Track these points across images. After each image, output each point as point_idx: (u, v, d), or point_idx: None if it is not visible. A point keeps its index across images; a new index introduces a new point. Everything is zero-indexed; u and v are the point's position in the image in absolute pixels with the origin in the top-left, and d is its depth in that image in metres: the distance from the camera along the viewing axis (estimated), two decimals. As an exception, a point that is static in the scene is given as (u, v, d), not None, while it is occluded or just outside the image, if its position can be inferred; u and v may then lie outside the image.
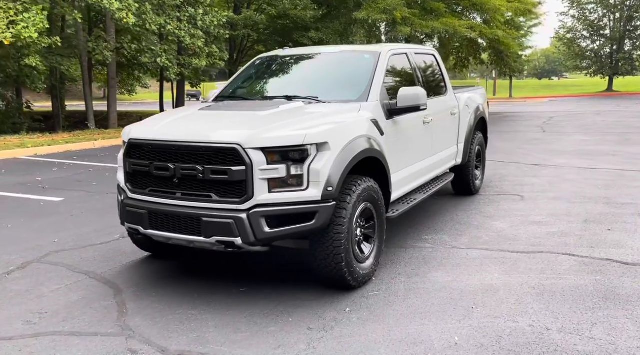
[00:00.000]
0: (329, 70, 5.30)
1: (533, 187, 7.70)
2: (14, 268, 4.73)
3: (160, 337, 3.40)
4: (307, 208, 3.71)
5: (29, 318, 3.71)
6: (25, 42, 13.27)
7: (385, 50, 5.11)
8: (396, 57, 5.27)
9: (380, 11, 18.18)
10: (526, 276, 4.35)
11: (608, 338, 3.31)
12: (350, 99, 4.58)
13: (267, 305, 3.88)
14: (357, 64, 5.06)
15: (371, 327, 3.52)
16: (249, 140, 3.62)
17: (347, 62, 5.27)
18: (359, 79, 4.83)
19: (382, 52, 5.06)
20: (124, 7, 14.79)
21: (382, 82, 4.80)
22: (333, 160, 3.80)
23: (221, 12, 17.79)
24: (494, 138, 14.00)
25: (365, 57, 5.08)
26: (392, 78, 5.06)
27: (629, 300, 3.86)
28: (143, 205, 3.98)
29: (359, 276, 4.09)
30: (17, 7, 13.37)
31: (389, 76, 4.98)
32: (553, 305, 3.81)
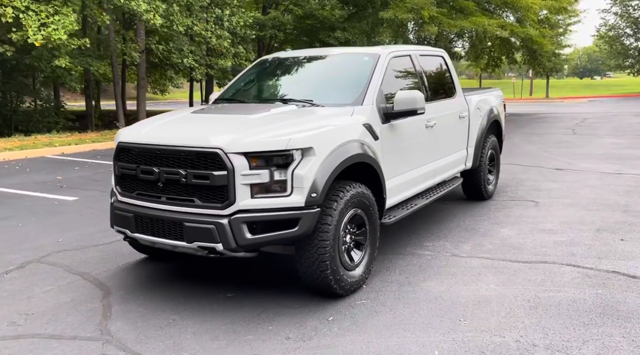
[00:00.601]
0: (328, 72, 5.22)
1: (550, 192, 7.44)
2: (13, 267, 4.82)
3: (137, 343, 3.39)
4: (290, 214, 3.64)
5: (14, 319, 3.76)
6: (55, 44, 13.62)
7: (385, 53, 4.99)
8: (398, 60, 5.14)
9: (407, 10, 17.94)
10: (523, 288, 4.18)
11: (597, 357, 3.14)
12: (345, 103, 4.49)
13: (251, 312, 3.83)
14: (355, 67, 4.96)
15: (350, 338, 3.43)
16: (231, 145, 3.58)
17: (346, 64, 5.18)
18: (355, 82, 4.73)
19: (381, 55, 4.95)
20: (151, 8, 15.04)
21: (380, 85, 4.68)
22: (318, 166, 3.72)
23: (248, 12, 17.86)
24: (520, 140, 13.67)
25: (364, 59, 4.97)
26: (392, 81, 4.93)
27: (629, 317, 3.66)
28: (130, 209, 3.99)
29: (347, 284, 4.00)
30: (49, 10, 13.73)
31: (388, 79, 4.85)
32: (545, 319, 3.64)
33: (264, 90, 5.25)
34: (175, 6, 16.09)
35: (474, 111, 6.46)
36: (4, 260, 5.01)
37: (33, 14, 13.43)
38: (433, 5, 18.64)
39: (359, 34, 19.33)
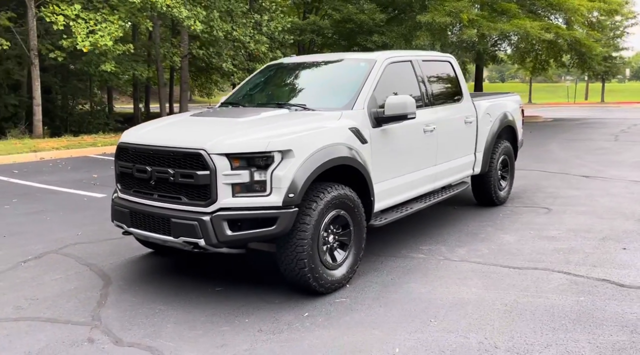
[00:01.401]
0: (326, 78, 5.38)
1: (567, 199, 7.31)
2: (32, 257, 5.22)
3: (121, 329, 3.66)
4: (268, 213, 3.83)
5: (20, 303, 4.11)
6: (101, 50, 14.38)
7: (382, 59, 5.11)
8: (395, 65, 5.24)
9: (445, 14, 17.82)
10: (505, 292, 4.20)
11: (555, 362, 3.17)
12: (336, 107, 4.64)
13: (233, 305, 4.04)
14: (351, 72, 5.10)
15: (319, 333, 3.58)
16: (214, 146, 3.80)
17: (343, 70, 5.32)
18: (349, 87, 4.87)
19: (377, 61, 5.07)
20: (192, 15, 15.61)
21: (373, 90, 4.81)
22: (297, 167, 3.89)
23: (286, 17, 18.21)
24: (556, 146, 13.38)
25: (360, 65, 5.11)
26: (389, 86, 5.02)
27: (602, 324, 3.64)
28: (127, 205, 4.28)
29: (327, 282, 4.14)
30: (97, 18, 14.51)
31: (383, 84, 4.96)
32: (516, 323, 3.67)
33: (263, 95, 5.46)
34: (216, 12, 16.63)
35: (482, 116, 6.46)
36: (25, 250, 5.42)
37: (82, 21, 14.23)
38: (473, 8, 18.43)
39: (396, 38, 19.32)
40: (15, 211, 7.15)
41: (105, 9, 14.79)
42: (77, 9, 14.10)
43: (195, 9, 15.93)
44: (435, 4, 18.70)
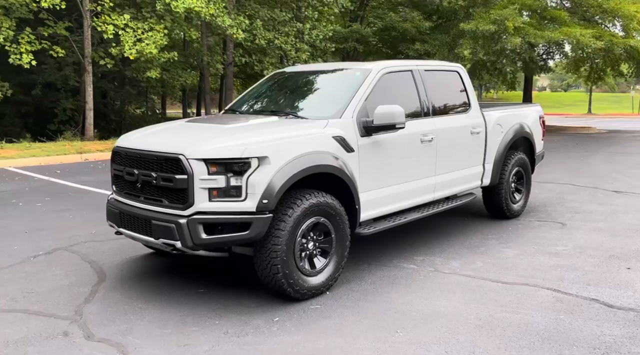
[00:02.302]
0: (322, 86, 5.44)
1: (587, 215, 7.03)
2: (42, 253, 5.54)
3: (97, 324, 3.84)
4: (242, 218, 3.92)
5: (15, 296, 4.38)
6: (147, 57, 15.00)
7: (377, 69, 5.12)
8: (392, 75, 5.24)
9: (489, 22, 17.46)
10: (483, 307, 4.12)
11: (508, 380, 3.09)
12: (325, 116, 4.68)
13: (209, 307, 4.15)
14: (346, 82, 5.14)
15: (282, 339, 3.64)
16: (192, 152, 3.94)
17: (340, 79, 5.36)
18: (341, 96, 4.91)
19: (372, 70, 5.09)
20: (235, 24, 16.03)
21: (364, 99, 4.83)
22: (272, 174, 3.97)
23: (328, 26, 18.38)
24: (597, 159, 12.86)
25: (355, 75, 5.14)
26: (383, 96, 5.01)
27: (573, 344, 3.52)
28: (118, 206, 4.49)
29: (303, 289, 4.19)
30: (144, 27, 15.16)
31: (377, 94, 4.96)
32: (483, 338, 3.60)
33: (261, 102, 5.58)
34: (259, 21, 16.99)
35: (493, 127, 6.33)
36: (39, 246, 5.75)
37: (130, 30, 14.90)
38: (520, 15, 17.98)
39: (439, 46, 19.09)
40: (44, 209, 7.59)
41: (153, 19, 15.42)
42: (126, 19, 14.78)
43: (239, 18, 16.35)
44: (480, 12, 18.38)
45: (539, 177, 9.94)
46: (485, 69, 20.58)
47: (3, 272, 4.95)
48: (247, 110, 5.43)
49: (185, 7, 14.07)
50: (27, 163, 12.07)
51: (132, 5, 15.98)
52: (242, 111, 5.46)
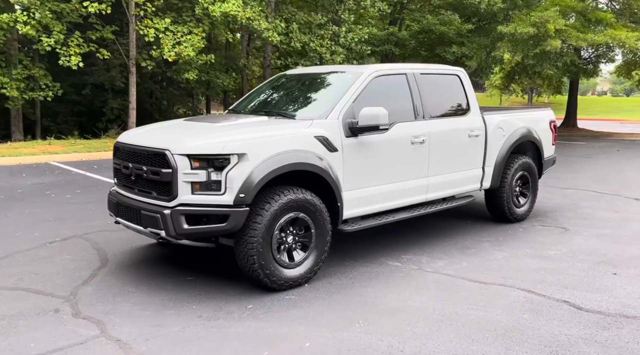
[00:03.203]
0: (316, 88, 5.63)
1: (596, 221, 6.94)
2: (59, 239, 6.00)
3: (86, 304, 4.20)
4: (220, 211, 4.20)
5: (23, 276, 4.82)
6: (185, 59, 15.62)
7: (368, 71, 5.29)
8: (384, 78, 5.40)
9: (529, 24, 17.15)
10: (452, 304, 4.23)
11: (448, 371, 3.23)
12: (312, 116, 4.90)
13: (191, 293, 4.44)
14: (337, 84, 5.35)
15: (249, 324, 3.88)
16: (176, 147, 4.25)
17: (333, 81, 5.55)
18: (330, 97, 5.12)
19: (363, 73, 5.27)
20: (271, 27, 16.45)
21: (352, 101, 5.01)
22: (250, 170, 4.22)
23: (364, 29, 18.53)
24: (630, 166, 12.52)
25: (347, 77, 5.34)
26: (373, 98, 5.16)
27: (525, 341, 3.60)
28: (117, 197, 4.86)
29: (280, 280, 4.42)
30: (184, 30, 15.80)
31: (366, 96, 5.11)
32: (439, 332, 3.73)
33: (258, 103, 5.84)
34: (295, 24, 17.36)
35: (493, 131, 6.37)
36: (57, 233, 6.22)
37: (170, 34, 15.56)
38: (563, 18, 17.58)
39: (477, 49, 18.87)
40: (72, 200, 8.13)
41: (192, 22, 16.04)
42: (167, 22, 15.43)
43: (275, 21, 16.76)
44: (520, 14, 18.08)
45: (561, 183, 9.81)
46: (525, 73, 20.17)
47: (19, 255, 5.42)
48: (245, 110, 5.72)
49: (221, 11, 14.57)
50: (70, 158, 12.85)
51: (173, 10, 16.64)
52: (240, 111, 5.76)
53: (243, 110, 5.77)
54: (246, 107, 5.80)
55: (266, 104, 5.75)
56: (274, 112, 5.26)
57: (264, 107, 5.63)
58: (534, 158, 7.09)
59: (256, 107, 5.71)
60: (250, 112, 5.58)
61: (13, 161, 12.17)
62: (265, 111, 5.38)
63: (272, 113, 5.25)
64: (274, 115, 5.17)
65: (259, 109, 5.61)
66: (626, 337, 3.67)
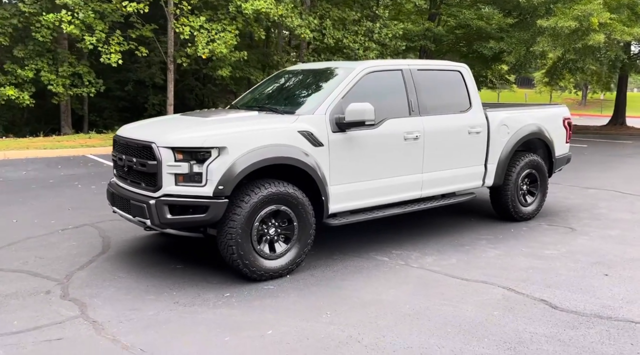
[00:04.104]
0: (310, 84, 5.70)
1: (608, 222, 6.73)
2: (71, 227, 6.34)
3: (76, 287, 4.46)
4: (200, 202, 4.36)
5: (28, 260, 5.14)
6: (218, 56, 15.99)
7: (360, 68, 5.34)
8: (377, 74, 5.42)
9: (571, 18, 16.57)
10: (425, 299, 4.25)
11: (397, 362, 3.28)
12: (300, 111, 5.01)
13: (175, 281, 4.63)
14: (330, 80, 5.40)
15: (221, 311, 4.03)
16: (161, 140, 4.44)
17: (326, 77, 5.59)
18: (320, 93, 5.22)
19: (355, 69, 5.32)
20: (304, 24, 16.60)
21: (341, 97, 5.06)
22: (230, 163, 4.37)
23: (398, 24, 18.40)
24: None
25: (339, 73, 5.40)
26: (364, 94, 5.18)
27: (486, 337, 3.60)
28: (114, 187, 5.11)
29: (260, 270, 4.55)
30: (218, 28, 16.16)
31: (357, 92, 5.15)
32: (402, 325, 3.77)
33: (255, 98, 5.98)
34: (328, 21, 17.44)
35: (497, 127, 6.28)
36: (72, 221, 6.57)
37: (205, 31, 15.95)
38: (605, 11, 16.90)
39: (516, 44, 18.38)
40: (95, 191, 8.53)
41: (226, 20, 16.38)
42: (202, 21, 15.83)
43: (309, 18, 16.90)
44: (562, 7, 17.48)
45: (586, 182, 9.52)
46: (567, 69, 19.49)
47: (31, 240, 5.78)
48: (241, 106, 5.88)
49: (253, 8, 14.83)
50: (105, 151, 13.40)
51: (209, 8, 17.02)
52: (238, 106, 5.92)
53: (241, 105, 5.93)
54: (244, 103, 5.95)
55: (262, 99, 5.89)
56: (266, 108, 5.40)
57: (259, 102, 5.77)
58: (545, 156, 6.93)
59: (252, 102, 5.86)
60: (247, 107, 5.73)
61: (53, 153, 12.84)
62: (259, 106, 5.52)
63: (264, 108, 5.39)
64: (265, 110, 5.31)
65: (254, 104, 5.76)
66: (592, 338, 3.60)
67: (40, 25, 15.48)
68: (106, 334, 3.63)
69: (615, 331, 3.70)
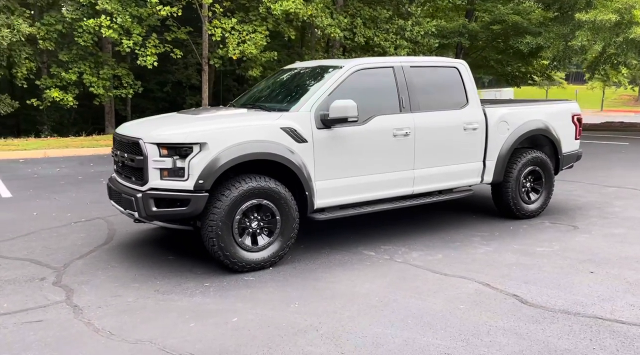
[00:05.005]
0: (302, 82, 5.81)
1: (615, 221, 6.54)
2: (84, 220, 6.70)
3: (70, 275, 4.75)
4: (182, 195, 4.57)
5: (35, 249, 5.49)
6: (248, 57, 16.33)
7: (348, 66, 5.42)
8: (367, 71, 5.49)
9: (612, 11, 15.99)
10: (398, 292, 4.31)
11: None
12: (285, 108, 5.15)
13: (163, 270, 4.86)
14: (319, 78, 5.50)
15: (196, 300, 4.22)
16: (147, 136, 4.68)
17: (317, 75, 5.67)
18: (309, 90, 5.32)
19: (343, 67, 5.41)
20: (334, 23, 16.73)
21: (327, 94, 5.16)
22: (210, 158, 4.56)
23: (431, 21, 18.23)
24: None
25: (329, 71, 5.50)
26: (353, 91, 5.26)
27: (444, 328, 3.64)
28: (111, 182, 5.40)
29: (241, 262, 4.72)
30: (249, 29, 16.51)
31: (345, 89, 5.23)
32: (364, 316, 3.85)
33: (251, 96, 6.15)
34: (359, 19, 17.49)
35: (495, 123, 6.21)
36: (86, 215, 6.94)
37: (236, 33, 16.33)
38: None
39: (554, 39, 17.84)
40: (117, 188, 8.94)
41: (257, 21, 16.71)
42: (233, 22, 16.21)
43: (339, 17, 17.01)
44: (602, 0, 16.88)
45: (607, 181, 9.23)
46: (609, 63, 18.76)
47: (43, 231, 6.16)
48: (237, 104, 6.08)
49: (282, 9, 15.06)
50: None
51: (242, 10, 17.39)
52: (233, 104, 6.12)
53: (237, 103, 6.13)
54: (241, 101, 6.15)
55: (256, 97, 6.06)
56: (256, 105, 5.57)
57: (253, 100, 5.94)
58: (551, 153, 6.80)
59: (247, 100, 6.04)
60: (241, 105, 5.91)
61: (89, 152, 13.48)
62: (251, 104, 5.69)
63: (255, 106, 5.56)
64: (255, 108, 5.47)
65: (248, 102, 5.94)
66: (551, 332, 3.58)
67: (82, 30, 16.23)
68: (83, 317, 3.88)
69: (578, 327, 3.65)
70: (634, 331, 3.58)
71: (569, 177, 9.23)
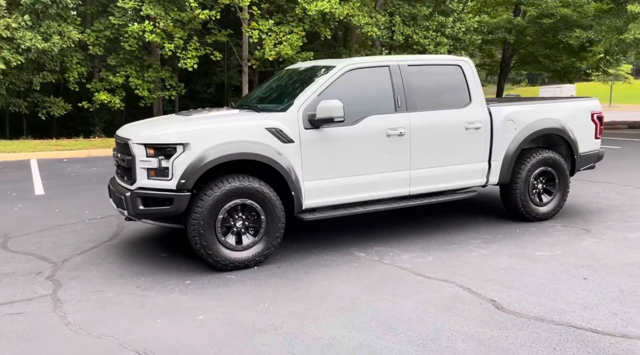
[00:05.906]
0: (295, 82, 5.78)
1: (635, 225, 6.17)
2: (99, 217, 6.96)
3: (65, 269, 4.96)
4: (166, 195, 4.69)
5: (44, 244, 5.75)
6: (284, 58, 16.48)
7: (340, 66, 5.37)
8: (361, 71, 5.43)
9: (666, 2, 15.08)
10: (371, 294, 4.25)
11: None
12: (274, 109, 5.18)
13: (151, 267, 4.99)
14: (312, 78, 5.48)
15: (172, 296, 4.31)
16: (135, 137, 4.83)
17: (312, 75, 5.64)
18: (299, 91, 5.32)
19: (335, 67, 5.37)
20: (372, 22, 16.62)
21: (316, 95, 5.14)
22: (193, 158, 4.65)
23: (473, 17, 17.76)
24: None
25: (322, 71, 5.48)
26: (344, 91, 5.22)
27: (404, 332, 3.57)
28: (111, 182, 5.60)
29: (224, 260, 4.78)
30: (285, 30, 16.67)
31: (336, 90, 5.18)
32: (328, 317, 3.83)
33: (249, 97, 6.22)
34: (398, 17, 17.29)
35: (501, 123, 5.99)
36: (101, 212, 7.21)
37: (273, 34, 16.52)
38: None
39: (606, 32, 16.95)
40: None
41: (294, 22, 16.83)
42: (270, 24, 16.41)
43: (377, 16, 16.89)
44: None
45: (642, 182, 8.71)
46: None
47: (59, 227, 6.46)
48: (236, 105, 6.16)
49: (317, 9, 15.11)
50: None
51: (279, 11, 17.57)
52: (232, 105, 6.20)
53: (237, 104, 6.21)
54: (241, 102, 6.24)
55: (253, 98, 6.12)
56: (250, 106, 5.62)
57: (249, 101, 6.00)
58: (564, 153, 6.49)
59: (245, 101, 6.12)
60: (239, 106, 5.99)
61: (129, 152, 14.01)
62: (247, 105, 5.75)
63: (249, 106, 5.61)
64: (246, 108, 5.53)
65: (245, 102, 6.02)
66: (515, 339, 3.43)
67: (127, 35, 16.88)
68: (60, 311, 4.05)
69: (547, 335, 3.48)
70: (605, 341, 3.38)
71: (602, 177, 8.78)
